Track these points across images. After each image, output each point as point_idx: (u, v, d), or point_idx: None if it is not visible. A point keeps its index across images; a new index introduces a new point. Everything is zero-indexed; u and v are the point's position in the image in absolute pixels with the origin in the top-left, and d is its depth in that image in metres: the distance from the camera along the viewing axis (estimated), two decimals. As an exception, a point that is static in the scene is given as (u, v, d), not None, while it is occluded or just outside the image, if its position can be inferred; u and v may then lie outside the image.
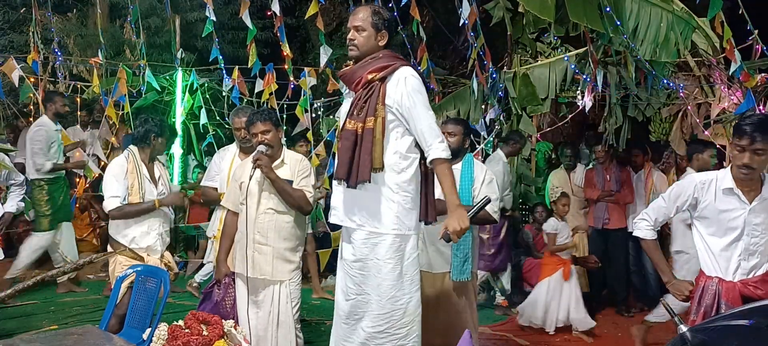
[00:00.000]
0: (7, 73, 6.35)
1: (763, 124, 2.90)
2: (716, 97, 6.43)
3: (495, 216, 3.90)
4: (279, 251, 3.54)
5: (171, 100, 7.67)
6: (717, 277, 3.08)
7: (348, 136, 2.89)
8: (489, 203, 3.36)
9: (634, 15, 5.36)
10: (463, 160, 3.97)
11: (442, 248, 3.82)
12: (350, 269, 3.00)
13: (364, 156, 2.86)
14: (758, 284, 2.99)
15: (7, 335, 4.40)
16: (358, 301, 2.97)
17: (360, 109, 2.89)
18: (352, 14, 2.97)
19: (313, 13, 6.48)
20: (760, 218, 3.00)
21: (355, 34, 2.94)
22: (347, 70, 2.99)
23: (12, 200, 4.84)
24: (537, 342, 5.34)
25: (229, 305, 3.76)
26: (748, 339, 2.41)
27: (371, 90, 2.89)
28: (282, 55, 6.90)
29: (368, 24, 2.93)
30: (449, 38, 10.33)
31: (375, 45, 2.95)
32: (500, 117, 7.01)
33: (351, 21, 2.95)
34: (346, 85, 3.02)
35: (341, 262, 3.08)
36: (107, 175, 4.04)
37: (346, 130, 2.90)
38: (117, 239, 4.05)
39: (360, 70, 2.94)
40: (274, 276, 3.56)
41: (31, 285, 3.63)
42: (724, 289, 3.04)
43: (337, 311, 3.11)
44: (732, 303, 2.99)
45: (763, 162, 2.93)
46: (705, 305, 3.09)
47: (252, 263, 3.56)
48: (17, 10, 9.84)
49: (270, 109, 3.75)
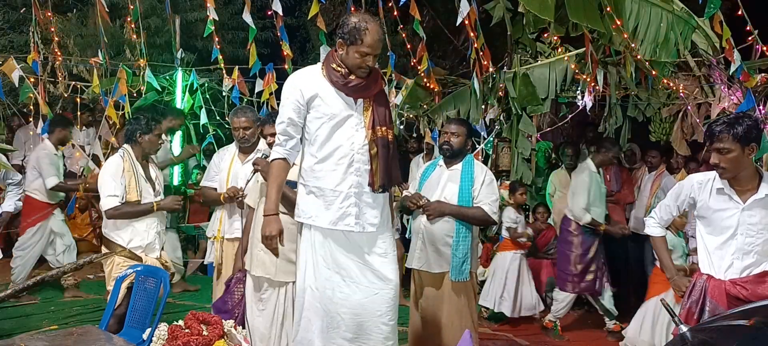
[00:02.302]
0: (7, 73, 6.34)
1: (727, 125, 2.96)
2: (716, 97, 6.41)
3: (494, 217, 3.91)
4: (283, 252, 3.53)
5: (171, 100, 7.67)
6: (707, 274, 3.11)
7: (385, 143, 3.05)
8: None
9: (634, 15, 5.35)
10: (463, 160, 3.99)
11: (442, 248, 3.85)
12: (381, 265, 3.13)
13: (396, 161, 3.11)
14: (746, 284, 3.02)
15: (7, 335, 4.40)
16: (388, 294, 3.11)
17: (383, 117, 3.06)
18: (379, 43, 2.95)
19: (313, 14, 6.49)
20: (756, 218, 3.01)
21: (374, 61, 3.00)
22: (363, 83, 3.01)
23: (10, 199, 4.84)
24: (537, 342, 5.34)
25: (238, 298, 3.78)
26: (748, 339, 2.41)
27: (384, 99, 3.11)
28: (282, 55, 6.90)
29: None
30: (449, 38, 10.33)
31: None
32: (500, 117, 7.01)
33: (376, 49, 2.94)
34: (359, 94, 3.03)
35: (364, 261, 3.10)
36: (104, 174, 4.03)
37: (381, 137, 3.03)
38: (113, 240, 4.03)
39: (374, 80, 3.07)
40: (277, 277, 3.55)
41: (31, 285, 3.63)
42: (711, 286, 3.08)
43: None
44: (717, 301, 3.04)
45: (731, 161, 2.97)
46: (691, 301, 3.16)
47: (257, 261, 3.57)
48: (17, 10, 9.84)
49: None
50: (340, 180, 3.00)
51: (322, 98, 3.00)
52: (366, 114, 3.04)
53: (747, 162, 2.99)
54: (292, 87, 3.05)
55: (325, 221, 3.01)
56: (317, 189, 3.02)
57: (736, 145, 2.94)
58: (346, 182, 3.00)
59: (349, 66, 2.97)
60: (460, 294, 3.88)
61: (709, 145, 3.06)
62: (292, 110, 3.03)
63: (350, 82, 2.98)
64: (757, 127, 2.97)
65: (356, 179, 3.01)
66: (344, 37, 2.94)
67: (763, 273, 3.02)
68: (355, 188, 3.01)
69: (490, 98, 6.79)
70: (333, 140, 3.00)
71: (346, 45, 2.94)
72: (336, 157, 3.00)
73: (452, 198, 3.89)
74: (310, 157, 3.06)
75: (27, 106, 7.83)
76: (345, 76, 2.97)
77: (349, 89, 3.00)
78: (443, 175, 4.04)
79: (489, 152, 7.61)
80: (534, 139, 7.64)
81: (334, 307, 3.03)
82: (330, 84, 3.01)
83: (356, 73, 2.97)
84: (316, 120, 3.01)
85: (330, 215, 3.00)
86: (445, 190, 3.90)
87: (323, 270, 3.04)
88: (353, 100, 3.03)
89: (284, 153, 3.06)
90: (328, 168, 3.01)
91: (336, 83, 3.00)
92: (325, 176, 3.01)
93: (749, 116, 3.06)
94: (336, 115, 2.99)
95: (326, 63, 3.04)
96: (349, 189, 3.00)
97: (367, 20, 2.93)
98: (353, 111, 3.02)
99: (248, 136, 4.34)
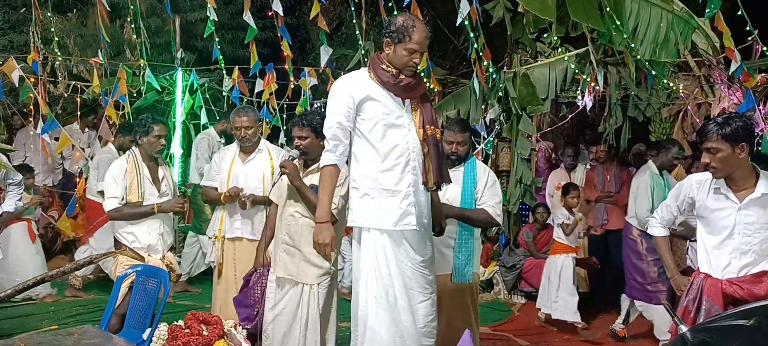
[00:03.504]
0: (7, 73, 6.35)
1: (716, 125, 2.97)
2: (716, 97, 6.44)
3: (498, 219, 3.87)
4: (306, 254, 3.51)
5: (171, 100, 7.67)
6: (705, 273, 3.12)
7: (435, 141, 3.08)
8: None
9: (634, 15, 5.36)
10: (466, 162, 3.91)
11: (444, 250, 3.80)
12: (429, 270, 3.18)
13: (443, 159, 3.17)
14: (743, 284, 3.02)
15: (7, 335, 4.40)
16: (433, 299, 3.18)
17: (430, 116, 3.11)
18: (426, 40, 3.01)
19: (315, 14, 6.49)
20: (753, 217, 3.01)
21: (421, 58, 3.07)
22: (412, 82, 3.06)
23: (10, 199, 4.84)
24: (537, 342, 5.34)
25: (259, 293, 3.78)
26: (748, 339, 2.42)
27: (427, 99, 3.19)
28: (282, 55, 6.90)
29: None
30: (449, 38, 10.32)
31: None
32: (500, 117, 7.01)
33: (424, 46, 3.02)
34: (409, 94, 3.09)
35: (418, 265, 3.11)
36: (107, 176, 4.10)
37: (431, 136, 3.08)
38: (117, 239, 4.09)
39: (419, 81, 3.14)
40: (300, 278, 3.53)
41: (31, 285, 3.63)
42: (708, 285, 3.09)
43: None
44: (713, 300, 3.04)
45: (721, 160, 2.99)
46: (688, 300, 3.17)
47: (280, 262, 3.57)
48: (17, 10, 9.83)
49: (312, 113, 3.71)
50: (399, 179, 3.01)
51: (374, 100, 3.02)
52: (415, 114, 3.09)
53: (740, 161, 2.98)
54: (341, 92, 3.06)
55: (386, 222, 3.00)
56: (375, 190, 3.01)
57: (725, 144, 2.94)
58: (405, 180, 3.01)
59: (397, 65, 3.00)
60: (462, 295, 3.85)
61: (700, 145, 3.09)
62: (342, 115, 3.03)
63: (401, 82, 3.01)
64: (746, 127, 2.96)
65: (413, 177, 3.03)
66: (392, 36, 2.97)
67: (761, 273, 3.02)
68: (412, 187, 3.03)
69: (490, 98, 6.79)
70: (388, 141, 3.01)
71: (394, 43, 2.98)
72: (393, 157, 3.01)
73: (455, 200, 3.82)
74: (365, 160, 3.05)
75: (27, 106, 7.83)
76: (395, 76, 3.00)
77: (399, 89, 3.03)
78: None
79: (489, 152, 7.61)
80: (534, 139, 7.65)
81: (397, 315, 3.01)
82: (380, 86, 3.03)
83: (404, 72, 3.01)
84: (368, 122, 3.02)
85: (392, 214, 3.00)
86: (448, 192, 3.79)
87: (385, 277, 3.01)
88: (402, 100, 3.07)
89: (335, 159, 3.06)
90: (386, 167, 3.01)
91: (386, 84, 3.02)
92: (384, 176, 3.01)
93: (740, 116, 3.05)
94: (389, 116, 3.02)
95: (373, 66, 3.06)
96: (407, 188, 3.02)
97: (413, 19, 2.98)
98: (403, 111, 3.06)
99: (249, 135, 4.34)
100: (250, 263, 3.98)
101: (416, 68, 3.04)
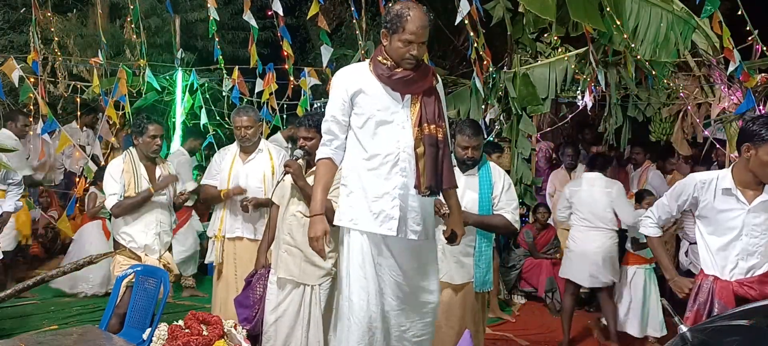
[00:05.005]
0: (7, 73, 6.34)
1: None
2: (716, 97, 6.42)
3: (516, 225, 3.77)
4: (307, 255, 3.46)
5: (171, 100, 7.68)
6: (713, 275, 3.09)
7: (433, 142, 2.85)
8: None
9: (634, 15, 5.36)
10: (480, 165, 3.77)
11: (463, 259, 3.71)
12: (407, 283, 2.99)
13: (448, 161, 2.91)
14: (753, 285, 3.00)
15: (7, 335, 4.40)
16: (426, 322, 3.06)
17: (433, 114, 2.87)
18: (423, 29, 2.76)
19: (314, 14, 6.48)
20: (760, 219, 3.00)
21: (420, 49, 2.82)
22: (410, 75, 2.84)
23: (10, 199, 4.83)
24: (537, 342, 5.34)
25: (259, 293, 3.76)
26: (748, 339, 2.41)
27: (434, 95, 2.91)
28: (282, 55, 6.90)
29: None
30: (449, 38, 10.32)
31: None
32: (500, 117, 7.00)
33: (421, 36, 2.77)
34: (407, 89, 2.87)
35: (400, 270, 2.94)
36: (106, 175, 4.19)
37: (429, 135, 2.84)
38: (116, 239, 4.16)
39: (423, 74, 2.90)
40: (301, 279, 3.51)
41: (31, 285, 3.63)
42: (718, 288, 3.05)
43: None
44: (725, 302, 3.01)
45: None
46: (699, 303, 3.12)
47: (281, 262, 3.55)
48: (17, 10, 9.83)
49: (319, 114, 3.59)
50: (385, 180, 2.83)
51: (366, 93, 2.85)
52: (413, 110, 2.86)
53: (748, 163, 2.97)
54: (337, 84, 2.92)
55: (365, 223, 2.83)
56: (359, 190, 2.85)
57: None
58: (391, 182, 2.82)
59: (395, 57, 2.81)
60: (479, 303, 3.82)
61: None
62: (337, 109, 2.89)
63: (396, 75, 2.81)
64: (748, 130, 2.94)
65: (402, 179, 2.83)
66: (387, 26, 2.80)
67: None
68: (399, 189, 2.83)
69: (490, 98, 6.79)
70: (377, 138, 2.84)
71: (389, 34, 2.80)
72: (380, 156, 2.83)
73: (472, 207, 3.66)
74: (353, 157, 2.90)
75: (27, 106, 7.83)
76: (390, 69, 2.82)
77: (394, 83, 2.84)
78: (460, 181, 3.63)
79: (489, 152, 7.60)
80: (534, 139, 7.65)
81: (368, 321, 2.84)
82: (376, 79, 2.85)
83: (402, 64, 2.81)
84: (360, 117, 2.86)
85: (371, 216, 2.82)
86: (465, 198, 3.61)
87: (360, 280, 2.84)
88: (400, 95, 2.87)
89: (329, 153, 2.92)
90: (371, 167, 2.84)
91: (381, 77, 2.84)
92: (369, 176, 2.84)
93: (751, 118, 3.04)
94: (380, 111, 2.84)
95: (373, 57, 2.89)
96: (393, 189, 2.82)
97: (409, 6, 2.75)
98: (400, 107, 2.86)
99: (250, 135, 4.34)
100: (251, 263, 3.99)
101: (416, 60, 2.82)
